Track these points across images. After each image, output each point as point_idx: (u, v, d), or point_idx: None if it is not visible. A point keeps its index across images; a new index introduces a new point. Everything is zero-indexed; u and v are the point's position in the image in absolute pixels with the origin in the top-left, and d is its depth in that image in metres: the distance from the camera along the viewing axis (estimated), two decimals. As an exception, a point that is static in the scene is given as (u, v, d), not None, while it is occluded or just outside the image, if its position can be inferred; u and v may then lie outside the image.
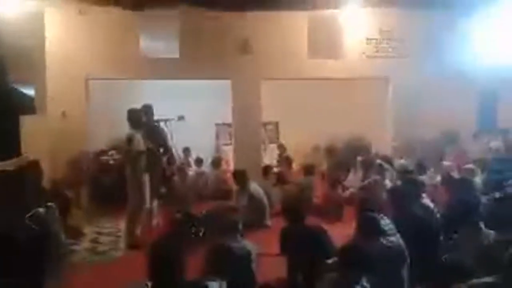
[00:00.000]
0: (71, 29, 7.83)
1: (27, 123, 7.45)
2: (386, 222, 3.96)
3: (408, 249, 3.72)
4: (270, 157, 9.69)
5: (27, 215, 4.61)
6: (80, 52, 7.86)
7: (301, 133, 9.68)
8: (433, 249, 4.21)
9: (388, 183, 6.61)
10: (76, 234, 5.96)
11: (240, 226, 4.16)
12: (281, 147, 9.95)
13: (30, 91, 8.08)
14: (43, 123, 7.63)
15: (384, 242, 3.69)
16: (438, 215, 4.82)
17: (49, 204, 5.08)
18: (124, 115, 5.89)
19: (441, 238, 4.40)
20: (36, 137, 7.40)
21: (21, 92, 8.13)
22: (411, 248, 3.74)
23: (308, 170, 7.53)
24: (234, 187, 7.12)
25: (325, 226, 4.68)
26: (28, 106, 7.87)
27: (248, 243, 4.07)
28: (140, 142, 5.69)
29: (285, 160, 8.86)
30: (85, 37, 7.87)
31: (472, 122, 8.56)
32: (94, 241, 5.97)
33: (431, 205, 4.97)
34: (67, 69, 7.79)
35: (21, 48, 7.22)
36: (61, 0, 7.35)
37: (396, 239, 3.77)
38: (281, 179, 7.56)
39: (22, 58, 7.36)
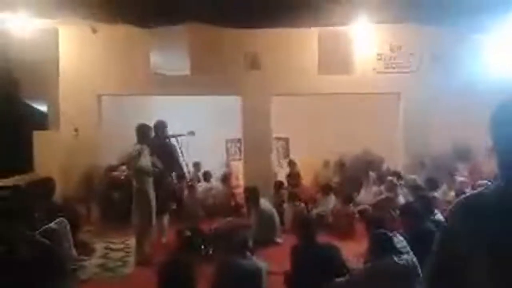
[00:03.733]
0: (83, 46, 7.98)
1: (40, 138, 7.58)
2: (399, 240, 3.92)
3: (422, 267, 3.65)
4: (282, 173, 9.63)
5: (39, 230, 4.62)
6: (92, 69, 7.99)
7: (311, 148, 9.62)
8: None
9: (401, 199, 6.52)
10: (86, 249, 5.94)
11: (250, 244, 4.13)
12: (291, 163, 9.90)
13: (43, 107, 8.25)
14: (56, 139, 7.75)
15: (397, 260, 3.64)
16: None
17: (60, 219, 5.10)
18: (134, 132, 5.93)
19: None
20: (48, 153, 7.51)
21: (34, 108, 8.30)
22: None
23: (326, 189, 7.47)
24: (244, 203, 7.08)
25: (336, 242, 4.62)
26: (41, 122, 8.02)
27: (258, 261, 4.03)
28: (147, 158, 5.69)
29: (295, 176, 8.80)
30: (97, 55, 8.01)
31: (484, 137, 8.42)
32: (104, 257, 5.94)
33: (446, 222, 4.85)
34: (80, 85, 7.91)
35: (34, 65, 7.40)
36: (74, 19, 7.47)
37: (409, 256, 3.72)
38: (292, 196, 7.48)
39: (36, 75, 7.54)
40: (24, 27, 7.03)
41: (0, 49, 7.21)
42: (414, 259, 3.70)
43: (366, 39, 8.33)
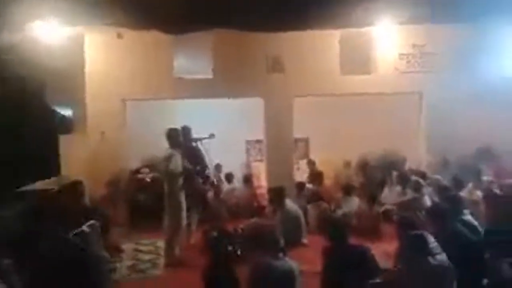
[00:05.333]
0: (109, 52, 8.12)
1: (66, 142, 7.74)
2: (431, 240, 3.92)
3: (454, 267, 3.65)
4: (302, 173, 9.66)
5: (73, 233, 4.74)
6: (117, 74, 8.13)
7: (332, 149, 9.64)
8: (479, 267, 4.12)
9: (426, 199, 6.51)
10: (116, 251, 6.07)
11: (282, 244, 4.17)
12: (311, 163, 9.93)
13: (69, 112, 8.42)
14: (82, 143, 7.90)
15: (432, 261, 3.65)
16: (482, 232, 4.71)
17: (92, 222, 5.21)
18: (158, 134, 6.04)
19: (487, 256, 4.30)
20: (75, 156, 7.67)
21: (60, 113, 8.46)
22: (456, 266, 3.67)
23: (348, 189, 7.46)
24: (268, 204, 7.13)
25: (364, 243, 4.63)
26: (66, 126, 8.18)
27: (291, 261, 4.07)
28: (178, 162, 5.81)
29: (317, 176, 8.82)
30: (123, 60, 8.13)
31: (510, 137, 8.35)
32: (134, 258, 6.07)
33: (475, 222, 4.86)
34: (105, 90, 8.05)
35: (62, 71, 7.54)
36: (100, 25, 7.62)
37: (443, 257, 3.72)
38: (315, 196, 7.50)
39: (63, 81, 7.69)
40: (51, 34, 7.19)
41: (28, 56, 7.38)
42: (448, 260, 3.70)
43: (388, 40, 8.33)
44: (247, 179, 8.84)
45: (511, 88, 8.02)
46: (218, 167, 9.35)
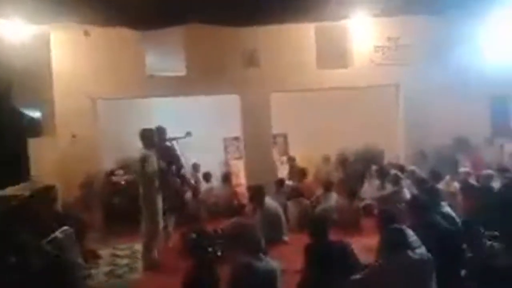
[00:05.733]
0: (77, 50, 7.86)
1: (35, 146, 7.46)
2: (410, 234, 3.90)
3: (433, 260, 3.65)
4: (283, 169, 9.61)
5: (46, 240, 4.55)
6: (86, 72, 7.88)
7: (310, 144, 9.62)
8: (458, 258, 4.15)
9: (406, 192, 6.54)
10: (93, 257, 5.88)
11: (263, 244, 4.10)
12: (291, 159, 9.89)
13: (37, 114, 8.12)
14: (52, 145, 7.64)
15: (412, 255, 3.63)
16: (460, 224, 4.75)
17: (66, 228, 5.02)
18: (133, 134, 5.87)
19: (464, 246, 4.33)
20: (45, 160, 7.40)
21: (28, 115, 8.15)
22: (435, 258, 3.67)
23: (327, 186, 7.42)
24: (248, 202, 7.04)
25: (344, 238, 4.61)
26: (35, 129, 7.89)
27: (272, 261, 4.00)
28: (153, 162, 5.65)
29: (297, 172, 8.77)
30: (91, 58, 7.89)
31: (485, 127, 8.50)
32: (111, 263, 5.89)
33: (453, 213, 4.89)
34: (74, 90, 7.80)
35: (28, 71, 7.27)
36: (66, 22, 7.35)
37: (423, 250, 3.71)
38: (294, 193, 7.44)
39: (30, 81, 7.40)
40: (15, 33, 6.91)
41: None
42: (427, 253, 3.69)
43: (363, 32, 8.34)
44: (226, 178, 8.71)
45: (488, 78, 8.13)
46: (195, 166, 9.21)
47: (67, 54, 7.82)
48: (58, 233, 4.84)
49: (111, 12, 6.58)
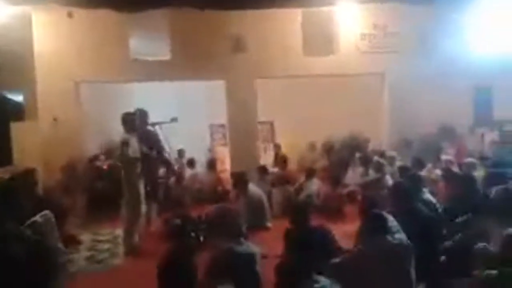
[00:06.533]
0: (59, 32, 7.72)
1: (18, 130, 7.32)
2: (390, 219, 3.93)
3: (413, 245, 3.68)
4: (268, 157, 9.60)
5: (25, 224, 4.48)
6: (69, 55, 7.75)
7: (296, 131, 9.61)
8: (437, 244, 4.19)
9: (388, 179, 6.58)
10: (73, 242, 5.82)
11: (244, 229, 4.11)
12: (277, 147, 9.87)
13: (19, 97, 7.96)
14: (34, 129, 7.51)
15: (391, 239, 3.66)
16: (440, 210, 4.81)
17: (46, 212, 4.95)
18: (115, 119, 5.78)
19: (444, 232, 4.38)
20: (28, 144, 7.28)
21: (10, 99, 7.98)
22: (415, 244, 3.70)
23: (310, 173, 7.43)
24: (231, 188, 7.03)
25: (327, 224, 4.63)
26: (17, 112, 7.74)
27: (252, 245, 4.01)
28: (135, 147, 5.57)
29: (281, 160, 8.76)
30: (74, 40, 7.75)
31: (468, 116, 8.58)
32: (92, 248, 5.83)
33: (434, 200, 4.94)
34: (57, 73, 7.67)
35: (8, 54, 7.09)
36: (48, 3, 7.17)
37: (402, 236, 3.74)
38: (279, 180, 7.45)
39: (10, 64, 7.23)
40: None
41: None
42: (406, 238, 3.73)
43: (350, 20, 8.30)
44: (211, 164, 8.67)
45: (473, 67, 8.17)
46: (181, 152, 9.16)
47: (49, 37, 7.67)
48: (38, 217, 4.77)
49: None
